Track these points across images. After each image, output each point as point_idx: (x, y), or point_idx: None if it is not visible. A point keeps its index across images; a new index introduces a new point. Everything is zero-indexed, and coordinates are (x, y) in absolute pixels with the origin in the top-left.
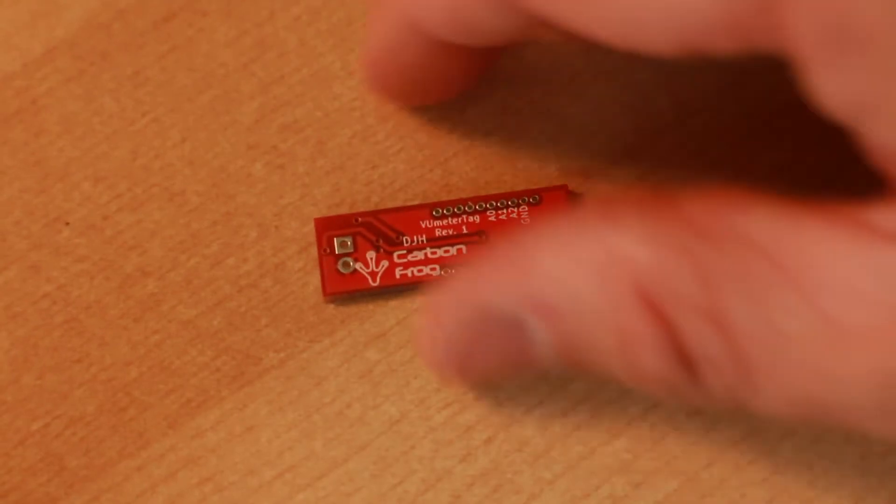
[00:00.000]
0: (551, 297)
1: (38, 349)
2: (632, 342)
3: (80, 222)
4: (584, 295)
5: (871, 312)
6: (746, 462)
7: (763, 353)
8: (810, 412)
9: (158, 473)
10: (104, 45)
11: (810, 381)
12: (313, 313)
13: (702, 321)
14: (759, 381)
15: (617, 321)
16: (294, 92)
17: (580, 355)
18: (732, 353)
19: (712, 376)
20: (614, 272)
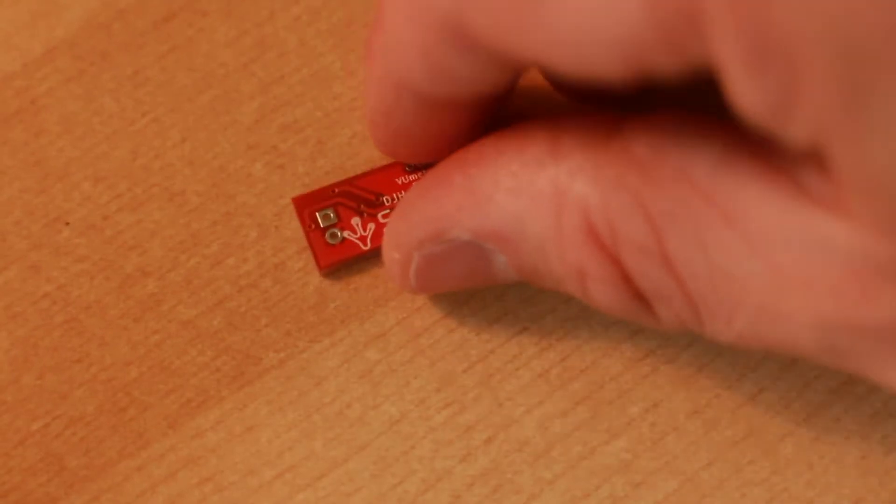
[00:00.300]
0: (507, 231)
1: (38, 349)
2: (585, 277)
3: (80, 222)
4: (539, 231)
5: (806, 263)
6: (746, 462)
7: (709, 293)
8: (757, 344)
9: (158, 473)
10: (104, 45)
11: (755, 319)
12: (313, 313)
13: (649, 261)
14: (706, 318)
15: (570, 258)
16: (294, 92)
17: (538, 279)
18: (680, 292)
19: (664, 310)
20: (565, 212)
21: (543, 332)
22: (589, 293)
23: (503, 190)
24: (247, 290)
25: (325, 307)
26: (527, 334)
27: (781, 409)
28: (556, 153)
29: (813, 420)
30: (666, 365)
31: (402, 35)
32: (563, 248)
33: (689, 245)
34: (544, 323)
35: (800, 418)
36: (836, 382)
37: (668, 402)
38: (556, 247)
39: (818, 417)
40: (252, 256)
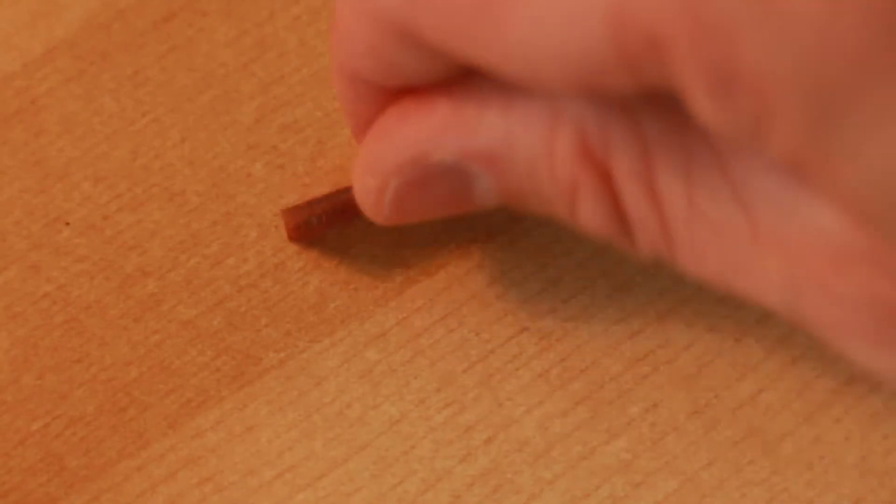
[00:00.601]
0: (496, 150)
1: (38, 349)
2: (575, 193)
3: (80, 222)
4: (530, 147)
5: (786, 229)
6: (746, 462)
7: (684, 229)
8: (724, 288)
9: (158, 473)
10: (104, 45)
11: (725, 266)
12: (313, 313)
13: (637, 187)
14: (678, 254)
15: (562, 175)
16: (294, 92)
17: (523, 200)
18: (659, 222)
19: (641, 237)
20: (560, 128)
21: (543, 332)
22: (577, 211)
23: (493, 108)
24: (247, 290)
25: (325, 307)
26: (527, 334)
27: (781, 409)
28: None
29: (813, 420)
30: (666, 365)
31: (352, 30)
32: (556, 164)
33: (677, 178)
34: (544, 323)
35: (800, 418)
36: (836, 383)
37: (668, 402)
38: (548, 163)
39: (818, 418)
40: (252, 256)
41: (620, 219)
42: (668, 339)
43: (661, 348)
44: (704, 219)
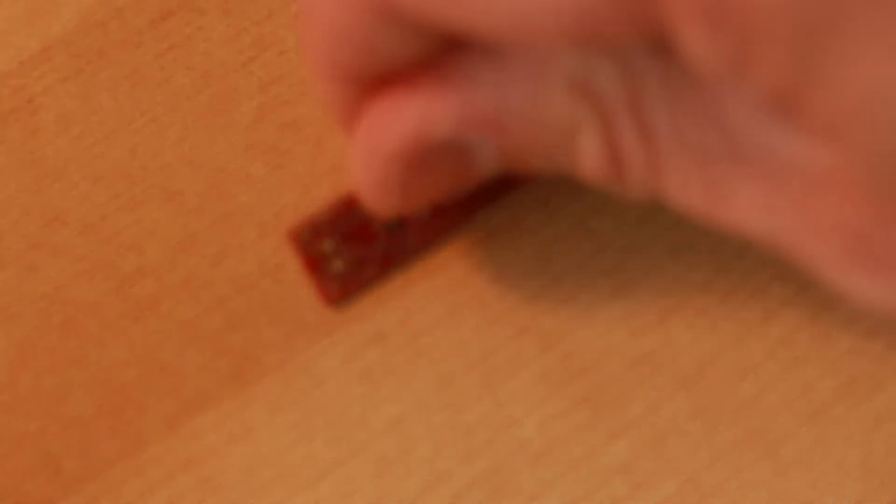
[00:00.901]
0: (494, 112)
1: (35, 350)
2: (573, 133)
3: (78, 222)
4: (529, 101)
5: (765, 156)
6: (747, 463)
7: (672, 159)
8: (706, 218)
9: (157, 475)
10: (101, 44)
11: (707, 192)
12: (313, 314)
13: (628, 116)
14: (665, 183)
15: (560, 115)
16: (293, 91)
17: (524, 158)
18: (649, 152)
19: (633, 170)
20: (553, 75)
21: (543, 332)
22: (576, 152)
23: (483, 73)
24: (246, 290)
25: (325, 308)
26: (527, 335)
27: (783, 410)
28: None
29: (814, 421)
30: (667, 366)
31: (327, 19)
32: (553, 108)
33: (663, 109)
34: (544, 323)
35: (801, 419)
36: (838, 384)
37: (668, 402)
38: (545, 110)
39: (820, 419)
40: (251, 256)
41: (615, 154)
42: (668, 340)
43: (662, 349)
44: (690, 147)
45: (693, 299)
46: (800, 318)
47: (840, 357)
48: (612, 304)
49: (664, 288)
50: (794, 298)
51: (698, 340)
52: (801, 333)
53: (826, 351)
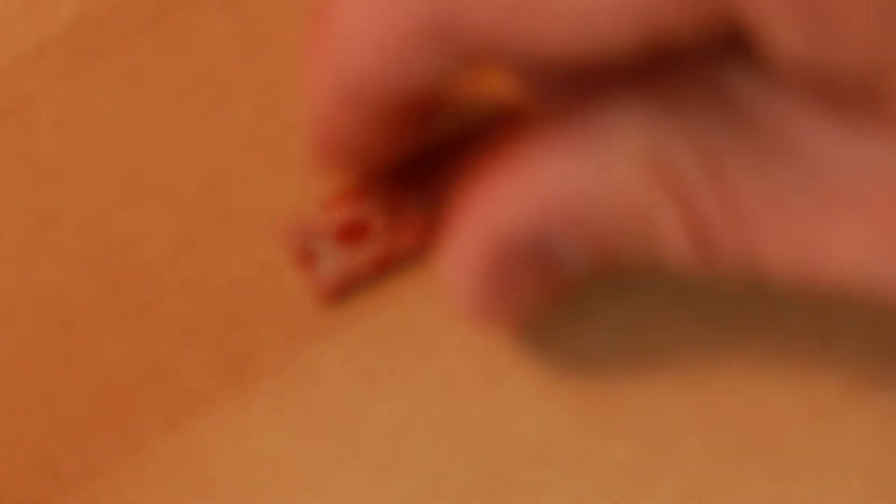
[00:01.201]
0: (575, 199)
1: (33, 350)
2: (655, 219)
3: (76, 221)
4: (605, 186)
5: (858, 188)
6: (747, 464)
7: (763, 224)
8: (803, 278)
9: (155, 475)
10: (98, 42)
11: (803, 251)
12: (313, 314)
13: (710, 187)
14: (759, 252)
15: (639, 203)
16: (292, 90)
17: (607, 254)
18: (737, 222)
19: (723, 248)
20: (626, 156)
21: (544, 332)
22: (660, 237)
23: (553, 160)
24: (245, 290)
25: (325, 308)
26: (527, 335)
27: (785, 412)
28: (602, 130)
29: (817, 424)
30: (668, 366)
31: (362, 33)
32: (630, 194)
33: (745, 168)
34: (545, 324)
35: (803, 422)
36: (841, 386)
37: (668, 403)
38: (624, 196)
39: (822, 421)
40: (251, 256)
41: (700, 232)
42: (670, 341)
43: (664, 349)
44: (773, 201)
45: (695, 301)
46: (801, 318)
47: (841, 358)
48: (614, 306)
49: (666, 289)
50: (794, 299)
51: (700, 342)
52: (801, 334)
53: (827, 352)
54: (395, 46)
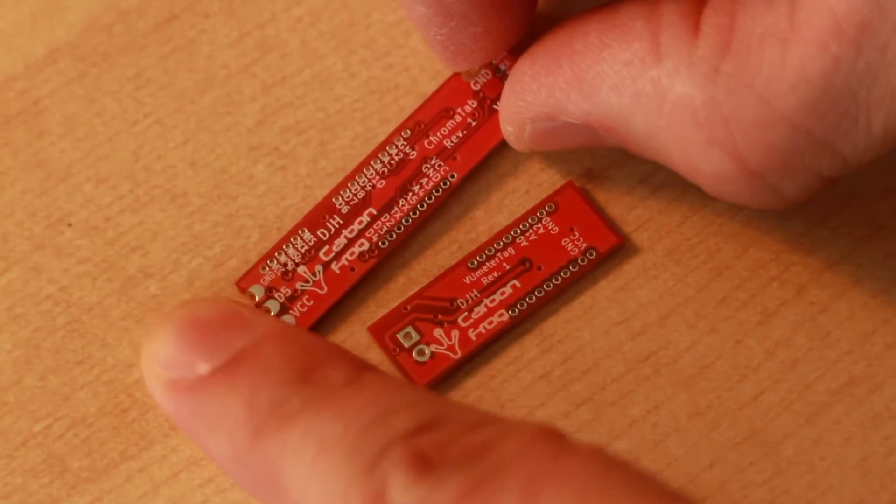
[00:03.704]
0: (613, 123)
1: (40, 350)
2: (698, 173)
3: (83, 223)
4: (644, 128)
5: None
6: (748, 464)
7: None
8: None
9: (160, 475)
10: (106, 47)
11: None
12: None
13: (770, 130)
14: (846, 138)
15: (680, 155)
16: (296, 93)
17: (647, 156)
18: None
19: (793, 174)
20: (673, 112)
21: (545, 333)
22: (700, 182)
23: (607, 86)
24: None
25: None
26: (528, 336)
27: (782, 410)
28: (656, 52)
29: (814, 422)
30: (667, 366)
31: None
32: (672, 146)
33: None
34: (546, 324)
35: (801, 420)
36: (837, 384)
37: (669, 403)
38: (665, 144)
39: (819, 419)
40: (254, 258)
41: (751, 175)
42: (669, 341)
43: (663, 350)
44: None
45: (693, 301)
46: (799, 318)
47: (839, 358)
48: (614, 306)
49: (664, 289)
50: (793, 299)
51: (698, 342)
52: (800, 334)
53: (825, 351)
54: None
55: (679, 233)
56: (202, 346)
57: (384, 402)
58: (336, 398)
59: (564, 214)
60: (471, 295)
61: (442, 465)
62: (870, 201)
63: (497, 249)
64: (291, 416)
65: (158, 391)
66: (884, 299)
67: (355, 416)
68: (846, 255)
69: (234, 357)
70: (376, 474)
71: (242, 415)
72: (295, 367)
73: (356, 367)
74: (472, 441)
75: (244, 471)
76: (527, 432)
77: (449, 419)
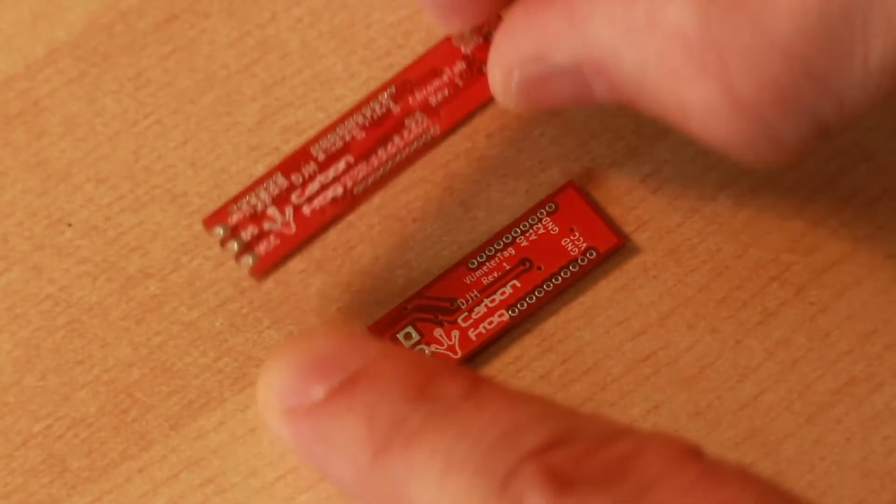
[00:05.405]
0: (603, 60)
1: (40, 350)
2: (688, 108)
3: (83, 223)
4: (635, 62)
5: None
6: (748, 463)
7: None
8: None
9: (160, 475)
10: (106, 47)
11: None
12: (315, 315)
13: (768, 55)
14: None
15: (671, 90)
16: (296, 93)
17: (636, 104)
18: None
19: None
20: (664, 42)
21: (545, 333)
22: (691, 123)
23: (599, 18)
24: (249, 291)
25: (327, 309)
26: (529, 336)
27: (782, 410)
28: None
29: (814, 421)
30: (667, 366)
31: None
32: (663, 79)
33: None
34: (546, 325)
35: (801, 420)
36: (837, 384)
37: (669, 403)
38: (656, 78)
39: (819, 419)
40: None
41: (743, 113)
42: (669, 341)
43: (663, 350)
44: None
45: (693, 301)
46: (799, 318)
47: (839, 357)
48: (614, 306)
49: (664, 290)
50: (793, 299)
51: (698, 342)
52: (800, 334)
53: (825, 351)
54: None
55: (679, 233)
56: (316, 372)
57: (510, 416)
58: (458, 414)
59: (564, 214)
60: (471, 295)
61: (582, 484)
62: (870, 201)
63: (497, 249)
64: (415, 435)
65: (276, 422)
66: (884, 299)
67: (482, 432)
68: (846, 255)
69: (349, 378)
70: (510, 492)
71: (363, 435)
72: (411, 384)
73: (471, 379)
74: (608, 456)
75: (368, 491)
76: (664, 447)
77: (579, 432)
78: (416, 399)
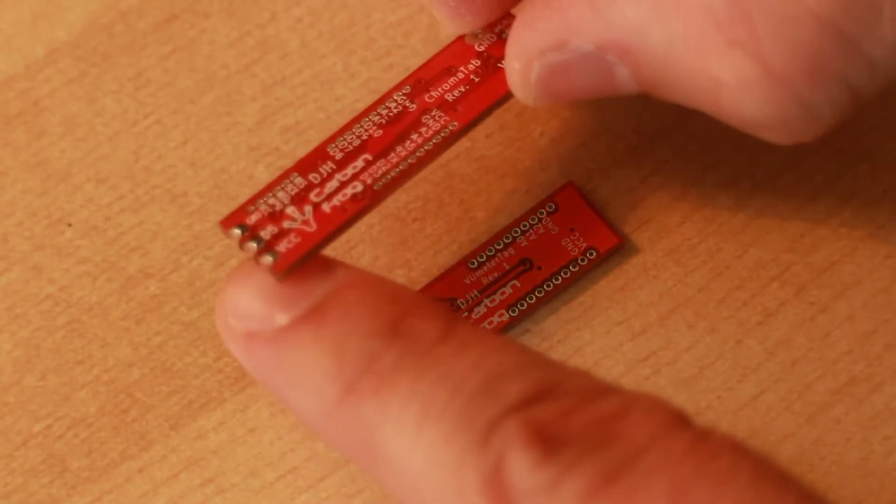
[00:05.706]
0: (629, 41)
1: (40, 350)
2: (720, 85)
3: (83, 223)
4: (663, 41)
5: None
6: None
7: None
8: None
9: (160, 475)
10: (106, 47)
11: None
12: None
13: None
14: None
15: (700, 66)
16: (296, 93)
17: (662, 90)
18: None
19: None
20: (692, 17)
21: (545, 333)
22: (722, 101)
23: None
24: None
25: None
26: (529, 336)
27: (782, 410)
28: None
29: (813, 422)
30: (667, 366)
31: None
32: (692, 56)
33: None
34: (546, 325)
35: (800, 420)
36: (837, 384)
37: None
38: (684, 56)
39: (819, 419)
40: None
41: (780, 83)
42: (669, 341)
43: (663, 350)
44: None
45: (693, 301)
46: (799, 318)
47: (839, 358)
48: (614, 306)
49: (664, 290)
50: (793, 299)
51: (698, 342)
52: (800, 334)
53: (825, 351)
54: None
55: (679, 233)
56: (280, 295)
57: (492, 363)
58: (436, 357)
59: (564, 214)
60: (471, 295)
61: (567, 446)
62: (870, 201)
63: (497, 249)
64: (388, 375)
65: (235, 345)
66: (884, 299)
67: (462, 379)
68: (846, 255)
69: (315, 306)
70: (491, 447)
71: (331, 368)
72: (383, 318)
73: (447, 318)
74: (594, 414)
75: (334, 427)
76: (653, 410)
77: (563, 385)
78: (389, 335)
